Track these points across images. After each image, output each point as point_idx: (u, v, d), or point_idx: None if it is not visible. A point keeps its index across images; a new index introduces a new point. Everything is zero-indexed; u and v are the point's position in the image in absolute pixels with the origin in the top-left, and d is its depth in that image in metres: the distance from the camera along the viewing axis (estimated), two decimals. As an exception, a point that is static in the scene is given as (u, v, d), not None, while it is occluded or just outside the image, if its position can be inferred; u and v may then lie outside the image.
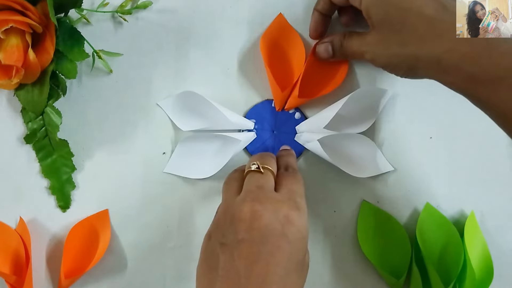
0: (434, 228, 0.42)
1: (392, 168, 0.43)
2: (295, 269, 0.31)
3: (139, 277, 0.43)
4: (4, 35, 0.39)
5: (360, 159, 0.43)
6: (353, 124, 0.43)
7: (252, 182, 0.34)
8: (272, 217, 0.31)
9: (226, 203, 0.34)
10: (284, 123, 0.44)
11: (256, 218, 0.31)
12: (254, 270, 0.30)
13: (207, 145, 0.43)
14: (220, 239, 0.32)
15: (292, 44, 0.43)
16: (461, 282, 0.41)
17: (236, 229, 0.31)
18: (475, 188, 0.43)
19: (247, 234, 0.31)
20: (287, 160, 0.39)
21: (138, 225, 0.44)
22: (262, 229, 0.31)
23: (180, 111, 0.44)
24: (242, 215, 0.32)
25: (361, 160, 0.43)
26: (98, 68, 0.44)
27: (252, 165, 0.35)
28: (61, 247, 0.43)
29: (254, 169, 0.35)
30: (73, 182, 0.44)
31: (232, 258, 0.31)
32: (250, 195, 0.33)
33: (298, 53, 0.43)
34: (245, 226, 0.31)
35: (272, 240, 0.31)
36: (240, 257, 0.31)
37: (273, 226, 0.31)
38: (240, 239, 0.31)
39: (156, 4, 0.45)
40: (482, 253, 0.41)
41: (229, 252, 0.31)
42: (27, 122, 0.43)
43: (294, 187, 0.34)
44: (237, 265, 0.30)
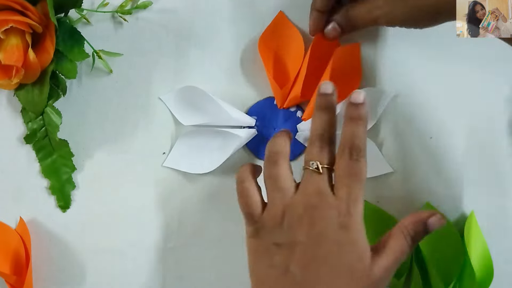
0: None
1: (391, 169, 0.43)
2: (346, 274, 0.32)
3: (139, 277, 0.43)
4: (4, 35, 0.39)
5: None
6: None
7: (312, 184, 0.34)
8: (327, 223, 0.33)
9: (283, 203, 0.34)
10: (286, 121, 0.44)
11: (312, 224, 0.33)
12: (307, 271, 0.32)
13: (207, 140, 0.43)
14: (276, 240, 0.33)
15: (292, 41, 0.43)
16: (461, 282, 0.41)
17: (293, 233, 0.33)
18: (475, 188, 0.43)
19: (304, 237, 0.33)
20: (355, 135, 0.34)
21: (138, 225, 0.44)
22: (317, 235, 0.32)
23: (181, 106, 0.44)
24: (301, 220, 0.33)
25: None
26: (98, 68, 0.44)
27: (311, 164, 0.34)
28: (61, 247, 0.43)
29: (313, 168, 0.34)
30: (73, 182, 0.44)
31: (289, 258, 0.33)
32: (310, 200, 0.33)
33: (298, 50, 0.43)
34: (301, 231, 0.33)
35: (325, 245, 0.32)
36: (295, 258, 0.32)
37: (327, 232, 0.32)
38: (297, 241, 0.33)
39: (156, 4, 0.45)
40: (482, 253, 0.41)
41: (285, 253, 0.33)
42: (27, 122, 0.43)
43: (352, 189, 0.33)
44: (292, 267, 0.32)
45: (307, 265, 0.32)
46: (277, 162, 0.35)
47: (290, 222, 0.33)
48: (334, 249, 0.32)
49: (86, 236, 0.44)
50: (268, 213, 0.34)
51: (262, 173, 0.37)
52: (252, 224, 0.35)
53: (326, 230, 0.32)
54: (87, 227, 0.44)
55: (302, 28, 0.44)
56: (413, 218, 0.34)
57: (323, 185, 0.34)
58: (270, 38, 0.43)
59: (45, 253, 0.43)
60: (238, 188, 0.36)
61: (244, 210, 0.36)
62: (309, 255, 0.32)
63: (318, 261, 0.32)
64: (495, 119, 0.43)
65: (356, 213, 0.33)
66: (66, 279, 0.44)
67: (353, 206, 0.33)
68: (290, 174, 0.35)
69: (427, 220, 0.34)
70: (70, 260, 0.43)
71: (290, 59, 0.43)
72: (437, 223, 0.34)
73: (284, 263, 0.33)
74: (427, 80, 0.43)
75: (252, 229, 0.35)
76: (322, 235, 0.32)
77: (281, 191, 0.34)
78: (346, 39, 0.43)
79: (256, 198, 0.35)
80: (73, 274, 0.43)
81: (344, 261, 0.32)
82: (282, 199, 0.34)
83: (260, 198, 0.36)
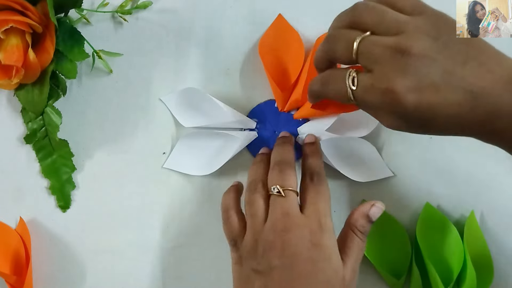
0: (434, 228, 0.42)
1: (391, 173, 0.43)
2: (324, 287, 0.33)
3: (139, 277, 0.43)
4: (4, 35, 0.39)
5: (361, 164, 0.43)
6: (355, 128, 0.43)
7: (277, 208, 0.35)
8: (299, 243, 0.33)
9: (254, 231, 0.35)
10: (286, 124, 0.44)
11: (285, 247, 0.33)
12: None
13: (208, 142, 0.43)
14: (254, 267, 0.34)
15: (292, 44, 0.43)
16: (461, 282, 0.41)
17: (268, 258, 0.33)
18: (475, 188, 0.43)
19: (279, 261, 0.33)
20: (312, 164, 0.38)
21: (138, 225, 0.44)
22: (290, 257, 0.33)
23: (182, 107, 0.44)
24: (274, 245, 0.33)
25: (362, 164, 0.43)
26: (98, 68, 0.44)
27: (273, 189, 0.36)
28: (61, 247, 0.43)
29: (275, 193, 0.35)
30: (73, 182, 0.44)
31: (266, 284, 0.33)
32: (278, 224, 0.34)
33: (298, 52, 0.43)
34: (276, 254, 0.33)
35: (300, 265, 0.33)
36: (273, 283, 0.33)
37: (300, 251, 0.33)
38: (273, 266, 0.33)
39: (156, 4, 0.45)
40: (482, 253, 0.41)
41: (264, 279, 0.33)
42: (27, 122, 0.43)
43: (318, 206, 0.35)
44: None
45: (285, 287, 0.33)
46: (254, 189, 0.37)
47: (264, 248, 0.34)
48: (309, 268, 0.33)
49: (86, 236, 0.44)
50: (244, 241, 0.36)
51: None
52: (235, 251, 0.36)
53: (298, 250, 0.33)
54: (87, 227, 0.44)
55: (302, 30, 0.44)
56: (356, 214, 0.36)
57: (288, 207, 0.35)
58: (270, 41, 0.43)
59: (45, 253, 0.43)
60: (222, 216, 0.38)
61: (227, 237, 0.37)
62: (286, 278, 0.33)
63: (295, 282, 0.33)
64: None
65: (327, 229, 0.34)
66: (66, 279, 0.44)
67: (324, 222, 0.34)
68: (262, 200, 0.36)
69: (369, 212, 0.36)
70: (70, 260, 0.44)
71: (291, 62, 0.43)
72: (378, 211, 0.36)
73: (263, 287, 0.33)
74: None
75: (236, 256, 0.36)
76: (295, 256, 0.33)
77: (253, 217, 0.36)
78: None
79: (237, 226, 0.37)
80: (73, 274, 0.43)
81: (320, 278, 0.33)
82: (254, 226, 0.35)
83: (243, 226, 0.37)
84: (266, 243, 0.34)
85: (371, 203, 0.36)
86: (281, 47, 0.43)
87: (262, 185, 0.37)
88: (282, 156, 0.38)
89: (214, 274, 0.43)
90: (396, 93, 0.28)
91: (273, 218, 0.35)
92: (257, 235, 0.35)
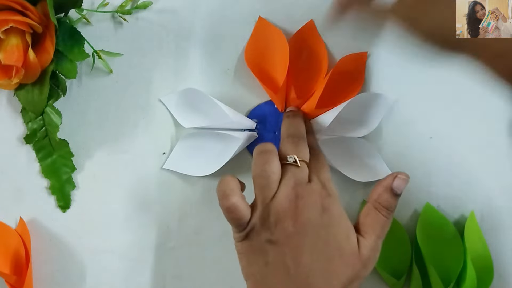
0: (434, 228, 0.42)
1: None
2: (337, 257, 0.33)
3: (139, 277, 0.43)
4: (4, 35, 0.39)
5: (360, 163, 0.43)
6: (354, 128, 0.43)
7: (291, 177, 0.35)
8: (312, 209, 0.34)
9: (266, 203, 0.35)
10: None
11: (299, 213, 0.34)
12: (300, 261, 0.33)
13: (208, 143, 0.43)
14: (268, 237, 0.34)
15: (276, 44, 0.43)
16: (461, 282, 0.41)
17: (283, 226, 0.33)
18: (475, 188, 0.43)
19: (294, 228, 0.33)
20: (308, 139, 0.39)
21: (138, 225, 0.44)
22: (304, 224, 0.33)
23: (182, 108, 0.44)
24: (287, 213, 0.34)
25: (361, 164, 0.43)
26: (98, 68, 0.44)
27: (289, 158, 0.36)
28: (61, 247, 0.43)
29: (291, 162, 0.35)
30: (73, 182, 0.44)
31: (283, 252, 0.33)
32: (291, 192, 0.34)
33: (283, 51, 0.42)
34: (288, 224, 0.33)
35: (313, 231, 0.33)
36: (289, 250, 0.33)
37: (314, 217, 0.34)
38: (287, 234, 0.33)
39: (156, 4, 0.45)
40: (482, 253, 0.41)
41: (279, 248, 0.33)
42: (27, 122, 0.43)
43: (321, 173, 0.36)
44: (286, 259, 0.33)
45: (300, 255, 0.33)
46: (266, 161, 0.35)
47: (276, 217, 0.34)
48: (322, 233, 0.33)
49: (86, 236, 0.44)
50: (256, 215, 0.35)
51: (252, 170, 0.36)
52: (242, 230, 0.35)
53: (311, 216, 0.33)
54: (87, 227, 0.44)
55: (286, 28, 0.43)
56: (379, 189, 0.36)
57: (302, 177, 0.35)
58: (255, 47, 0.43)
59: (45, 253, 0.43)
60: (224, 204, 0.34)
61: (234, 223, 0.35)
62: (300, 245, 0.33)
63: (309, 249, 0.33)
64: (495, 119, 0.43)
65: (334, 193, 0.35)
66: (66, 279, 0.44)
67: (329, 187, 0.35)
68: (276, 171, 0.35)
69: (392, 185, 0.35)
70: (70, 260, 0.44)
71: (277, 61, 0.43)
72: (403, 183, 0.35)
73: (279, 258, 0.33)
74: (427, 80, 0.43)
75: (241, 234, 0.35)
76: (309, 222, 0.33)
77: (265, 189, 0.35)
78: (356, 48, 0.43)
79: (245, 210, 0.34)
80: (73, 274, 0.44)
81: (333, 244, 0.33)
82: (266, 198, 0.35)
83: (248, 206, 0.35)
84: (280, 212, 0.34)
85: (393, 174, 0.36)
86: (267, 49, 0.43)
87: (274, 155, 0.36)
88: (294, 128, 0.38)
89: (214, 274, 0.43)
90: None
91: (286, 187, 0.35)
92: (269, 206, 0.34)
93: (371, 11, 0.43)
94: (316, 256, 0.33)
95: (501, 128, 0.43)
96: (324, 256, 0.33)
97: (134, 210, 0.44)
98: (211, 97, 0.41)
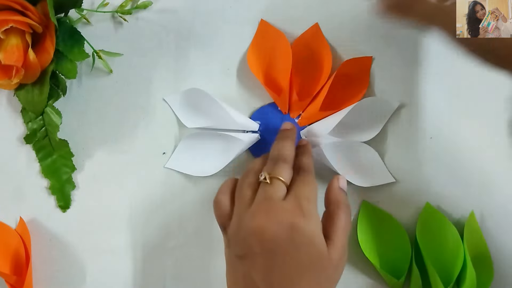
0: (434, 228, 0.42)
1: (393, 179, 0.43)
2: (308, 272, 0.32)
3: (139, 277, 0.43)
4: (4, 35, 0.39)
5: (362, 168, 0.43)
6: (357, 132, 0.43)
7: (261, 193, 0.35)
8: (278, 227, 0.32)
9: (239, 215, 0.35)
10: None
11: (265, 231, 0.32)
12: (269, 280, 0.32)
13: (210, 143, 0.43)
14: (237, 252, 0.34)
15: (278, 46, 0.43)
16: (461, 282, 0.41)
17: (249, 243, 0.33)
18: (475, 188, 0.43)
19: (259, 247, 0.32)
20: (301, 161, 0.38)
21: (138, 225, 0.44)
22: (270, 241, 0.32)
23: (186, 108, 0.44)
24: (253, 230, 0.33)
25: (363, 169, 0.43)
26: (98, 68, 0.44)
27: (260, 176, 0.36)
28: (61, 247, 0.43)
29: (262, 179, 0.35)
30: (73, 182, 0.44)
31: (249, 270, 0.33)
32: (259, 207, 0.34)
33: (285, 53, 0.43)
34: (257, 240, 0.33)
35: (281, 250, 0.32)
36: (255, 269, 0.32)
37: (280, 236, 0.32)
38: (254, 252, 0.33)
39: (156, 4, 0.45)
40: (482, 253, 0.41)
41: (246, 265, 0.33)
42: (27, 122, 0.43)
43: (301, 192, 0.35)
44: (255, 278, 0.32)
45: (268, 275, 0.32)
46: (246, 177, 0.36)
47: (245, 232, 0.33)
48: (291, 253, 0.32)
49: (86, 236, 0.44)
50: (230, 225, 0.35)
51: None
52: (225, 235, 0.36)
53: (278, 235, 0.32)
54: (87, 227, 0.44)
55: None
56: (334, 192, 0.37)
57: (272, 192, 0.34)
58: (257, 49, 0.43)
59: (45, 253, 0.43)
60: (213, 200, 0.37)
61: (216, 219, 0.37)
62: (268, 264, 0.32)
63: (277, 268, 0.32)
64: (495, 119, 0.43)
65: (308, 213, 0.33)
66: (66, 279, 0.44)
67: (306, 207, 0.33)
68: (250, 186, 0.36)
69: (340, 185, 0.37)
70: (70, 260, 0.44)
71: (280, 63, 0.43)
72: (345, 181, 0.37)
73: (247, 274, 0.33)
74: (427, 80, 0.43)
75: (226, 240, 0.36)
76: (276, 240, 0.32)
77: (239, 201, 0.35)
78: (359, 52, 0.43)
79: (226, 210, 0.36)
80: (73, 274, 0.44)
81: (304, 261, 0.32)
82: (239, 211, 0.35)
83: (231, 210, 0.36)
84: (247, 228, 0.33)
85: (335, 178, 0.37)
86: (269, 52, 0.43)
87: (254, 173, 0.37)
88: (280, 152, 0.38)
89: (214, 274, 0.43)
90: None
91: (255, 203, 0.34)
92: (241, 220, 0.34)
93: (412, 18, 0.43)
94: (287, 275, 0.32)
95: (501, 128, 0.43)
96: (296, 273, 0.32)
97: (134, 210, 0.44)
98: (215, 98, 0.41)
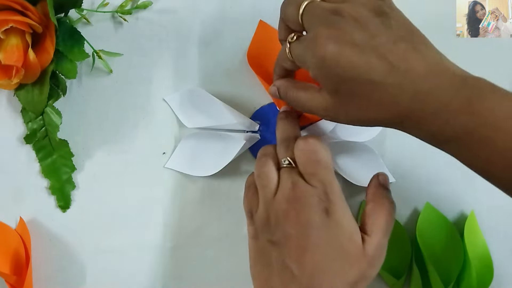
0: (434, 228, 0.42)
1: (393, 179, 0.43)
2: (340, 257, 0.33)
3: (139, 277, 0.43)
4: (4, 35, 0.39)
5: (362, 168, 0.43)
6: (357, 132, 0.43)
7: (288, 179, 0.35)
8: (311, 211, 0.33)
9: (266, 202, 0.35)
10: None
11: (298, 215, 0.33)
12: (303, 262, 0.33)
13: (210, 143, 0.43)
14: (269, 238, 0.34)
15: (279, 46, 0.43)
16: (461, 282, 0.41)
17: (283, 227, 0.33)
18: (475, 188, 0.43)
19: (293, 230, 0.33)
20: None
21: (138, 225, 0.44)
22: (304, 225, 0.33)
23: (186, 108, 0.44)
24: (286, 214, 0.34)
25: (363, 169, 0.43)
26: (98, 68, 0.44)
27: (283, 161, 0.36)
28: (61, 247, 0.43)
29: (286, 165, 0.36)
30: (73, 182, 0.44)
31: (283, 253, 0.33)
32: (289, 193, 0.34)
33: None
34: (289, 224, 0.33)
35: (314, 232, 0.33)
36: (290, 252, 0.33)
37: (313, 219, 0.33)
38: (287, 235, 0.33)
39: (156, 4, 0.45)
40: (482, 253, 0.41)
41: (280, 249, 0.34)
42: (27, 122, 0.43)
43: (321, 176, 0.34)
44: (289, 260, 0.33)
45: (301, 257, 0.33)
46: (264, 163, 0.36)
47: (276, 218, 0.34)
48: (323, 235, 0.33)
49: (86, 236, 0.44)
50: (258, 213, 0.36)
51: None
52: (251, 224, 0.36)
53: (311, 217, 0.33)
54: (87, 227, 0.44)
55: None
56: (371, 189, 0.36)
57: (297, 178, 0.35)
58: (257, 49, 0.43)
59: (45, 253, 0.43)
60: (244, 190, 0.38)
61: (244, 208, 0.37)
62: (301, 246, 0.33)
63: (310, 250, 0.33)
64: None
65: (335, 198, 0.34)
66: (66, 279, 0.44)
67: (330, 192, 0.34)
68: (271, 173, 0.36)
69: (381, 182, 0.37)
70: (70, 260, 0.44)
71: None
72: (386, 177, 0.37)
73: (280, 259, 0.33)
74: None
75: (252, 229, 0.36)
76: (309, 223, 0.33)
77: (264, 189, 0.35)
78: None
79: (255, 198, 0.36)
80: (73, 274, 0.43)
81: (335, 245, 0.33)
82: (266, 198, 0.35)
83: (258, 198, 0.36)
84: (279, 213, 0.34)
85: (376, 174, 0.37)
86: (269, 52, 0.43)
87: (272, 157, 0.37)
88: (286, 133, 0.38)
89: (214, 274, 0.43)
90: (317, 39, 0.30)
91: (283, 188, 0.35)
92: (269, 206, 0.35)
93: None
94: (319, 257, 0.33)
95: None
96: (328, 257, 0.33)
97: (134, 210, 0.44)
98: (215, 98, 0.41)
